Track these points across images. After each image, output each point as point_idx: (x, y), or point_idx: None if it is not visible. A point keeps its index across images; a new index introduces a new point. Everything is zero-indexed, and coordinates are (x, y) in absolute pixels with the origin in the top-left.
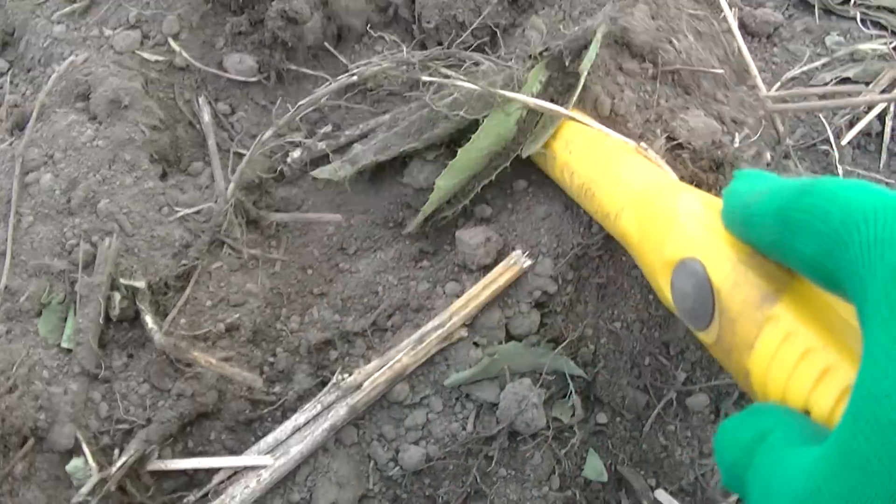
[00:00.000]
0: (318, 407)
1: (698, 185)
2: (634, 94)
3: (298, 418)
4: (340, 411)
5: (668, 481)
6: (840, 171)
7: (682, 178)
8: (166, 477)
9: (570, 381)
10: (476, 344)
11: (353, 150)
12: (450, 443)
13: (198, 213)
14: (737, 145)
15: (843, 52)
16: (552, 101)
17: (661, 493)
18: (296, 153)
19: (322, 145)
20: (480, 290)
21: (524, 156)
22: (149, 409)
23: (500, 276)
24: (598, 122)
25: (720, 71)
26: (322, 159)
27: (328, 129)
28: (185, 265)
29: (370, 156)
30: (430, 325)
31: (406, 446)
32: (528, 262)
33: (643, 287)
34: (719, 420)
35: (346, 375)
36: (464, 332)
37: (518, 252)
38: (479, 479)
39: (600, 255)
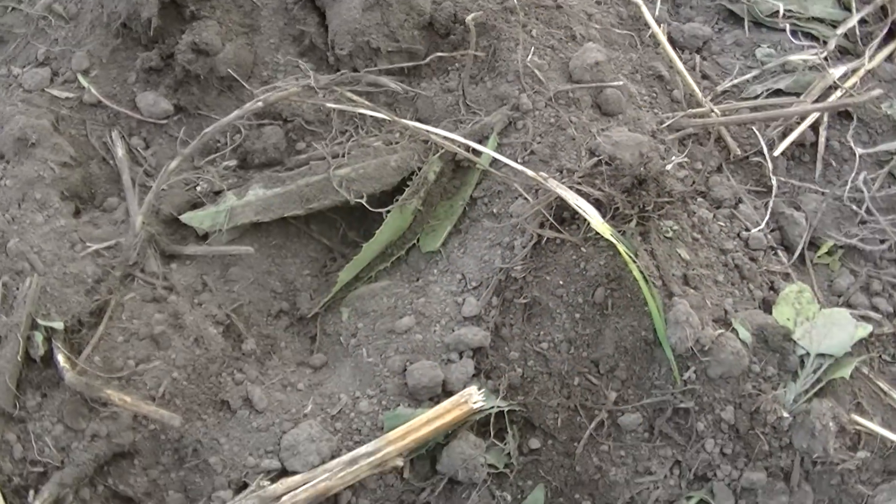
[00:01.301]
0: None
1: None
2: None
3: None
4: None
5: (604, 502)
6: (774, 182)
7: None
8: None
9: (508, 425)
10: None
11: (226, 200)
12: None
13: (110, 248)
14: (673, 160)
15: (773, 63)
16: (445, 189)
17: None
18: (202, 185)
19: (215, 180)
20: (422, 425)
21: (427, 250)
22: (63, 451)
23: (448, 412)
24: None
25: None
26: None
27: (232, 162)
28: (97, 301)
29: (250, 214)
30: (363, 449)
31: None
32: (481, 403)
33: (569, 306)
34: (654, 438)
35: (266, 483)
36: (399, 462)
37: (472, 389)
38: None
39: (524, 276)
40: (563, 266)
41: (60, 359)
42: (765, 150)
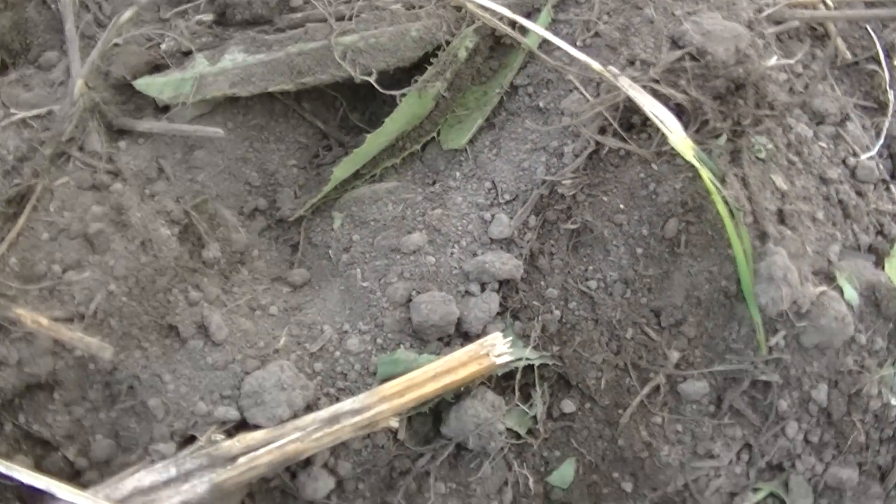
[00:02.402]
0: (172, 471)
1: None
2: None
3: (144, 478)
4: (199, 488)
5: (650, 486)
6: (891, 96)
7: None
8: None
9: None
10: None
11: (195, 65)
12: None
13: (41, 117)
14: (777, 61)
15: None
16: (478, 71)
17: None
18: (166, 43)
19: (184, 37)
20: (427, 380)
21: (448, 147)
22: None
23: (462, 366)
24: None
25: None
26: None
27: (208, 17)
28: (19, 185)
29: (224, 86)
30: (347, 404)
31: None
32: (507, 357)
33: (630, 237)
34: (721, 414)
35: (220, 437)
36: (393, 423)
37: (496, 337)
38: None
39: (573, 194)
40: (626, 186)
41: None
42: (881, 56)
